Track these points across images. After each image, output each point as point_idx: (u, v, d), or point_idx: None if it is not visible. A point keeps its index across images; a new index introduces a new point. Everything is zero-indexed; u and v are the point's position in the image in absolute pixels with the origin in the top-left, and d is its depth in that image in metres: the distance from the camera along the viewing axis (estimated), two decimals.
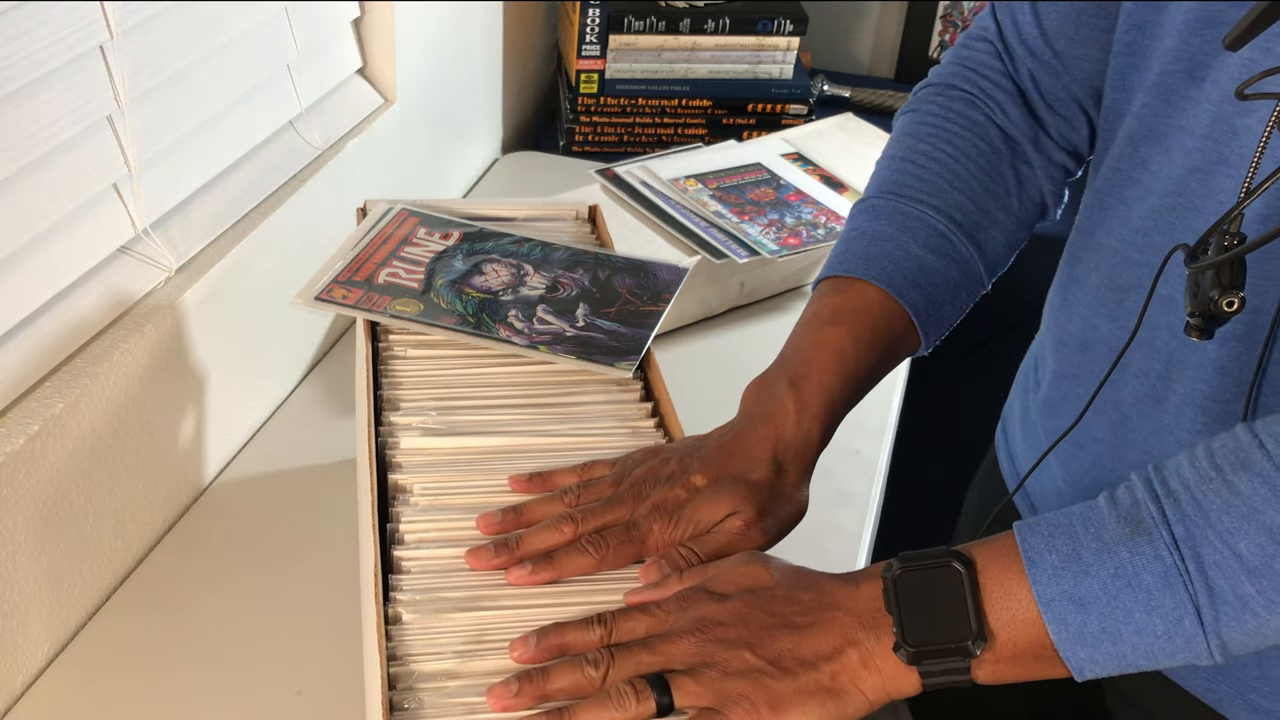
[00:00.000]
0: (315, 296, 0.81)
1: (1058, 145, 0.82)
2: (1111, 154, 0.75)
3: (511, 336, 0.81)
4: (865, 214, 0.80)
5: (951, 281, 0.78)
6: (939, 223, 0.78)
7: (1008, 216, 0.81)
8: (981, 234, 0.80)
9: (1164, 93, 0.69)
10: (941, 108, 0.83)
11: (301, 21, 1.03)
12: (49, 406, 0.77)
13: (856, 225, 0.80)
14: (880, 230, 0.78)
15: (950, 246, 0.78)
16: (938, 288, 0.77)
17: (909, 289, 0.76)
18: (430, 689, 0.59)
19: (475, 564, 0.66)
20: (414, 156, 1.28)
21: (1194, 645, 0.56)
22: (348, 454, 0.98)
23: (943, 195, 0.79)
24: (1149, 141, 0.71)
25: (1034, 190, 0.83)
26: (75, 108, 0.78)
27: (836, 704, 0.58)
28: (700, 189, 1.28)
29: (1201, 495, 0.56)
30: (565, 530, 0.68)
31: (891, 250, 0.77)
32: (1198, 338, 0.61)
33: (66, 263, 0.81)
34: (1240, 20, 0.56)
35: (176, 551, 0.91)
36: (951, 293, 0.79)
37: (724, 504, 0.69)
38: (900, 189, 0.80)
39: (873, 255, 0.77)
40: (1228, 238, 0.59)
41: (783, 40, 1.53)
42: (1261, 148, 0.60)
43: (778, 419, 0.73)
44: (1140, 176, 0.72)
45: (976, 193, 0.80)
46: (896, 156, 0.82)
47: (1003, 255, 0.82)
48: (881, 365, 0.77)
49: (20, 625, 0.77)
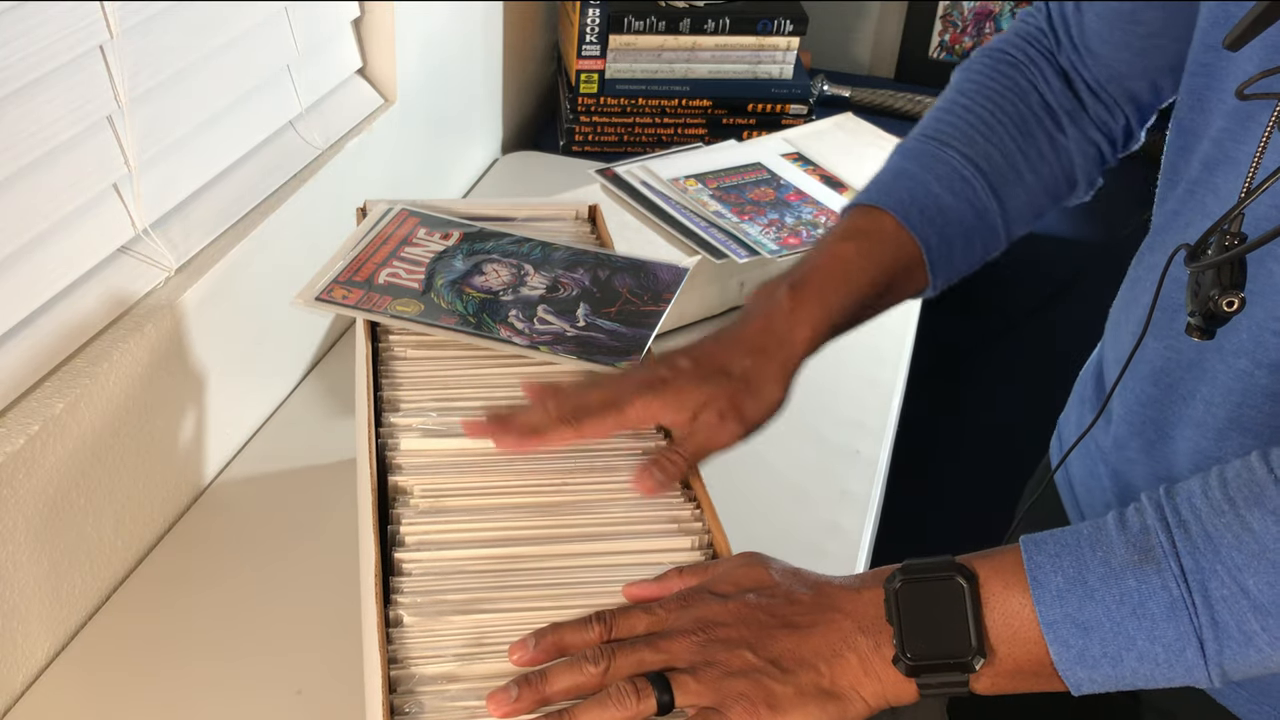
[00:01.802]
0: (315, 297, 0.81)
1: (1095, 125, 0.84)
2: (1186, 178, 0.73)
3: (512, 337, 0.81)
4: (898, 153, 0.83)
5: (966, 225, 0.80)
6: (964, 167, 0.80)
7: (1035, 179, 0.82)
8: (1005, 188, 0.81)
9: (1242, 117, 0.68)
10: (989, 68, 0.85)
11: (301, 21, 1.03)
12: (49, 406, 0.77)
13: (889, 163, 0.83)
14: (906, 168, 0.81)
15: (971, 191, 0.80)
16: (952, 228, 0.79)
17: (923, 224, 0.78)
18: (431, 692, 0.59)
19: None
20: (414, 156, 1.28)
21: (1194, 674, 0.56)
22: (348, 454, 0.98)
23: (973, 143, 0.81)
24: (1225, 167, 0.69)
25: (1065, 161, 0.83)
26: (75, 108, 0.78)
27: (837, 706, 0.58)
28: (700, 189, 1.28)
29: (1213, 528, 0.56)
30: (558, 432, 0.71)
31: (912, 186, 0.80)
32: (1198, 338, 0.61)
33: (66, 263, 0.81)
34: (1240, 20, 0.56)
35: (176, 551, 0.91)
36: (965, 237, 0.80)
37: (703, 391, 0.72)
38: (935, 133, 0.82)
39: (895, 188, 0.80)
40: (1228, 238, 0.58)
41: (783, 40, 1.53)
42: (1262, 148, 0.59)
43: (771, 316, 0.75)
44: (1212, 204, 0.70)
45: (1007, 147, 0.81)
46: (940, 107, 0.85)
47: (1024, 216, 0.83)
48: (886, 292, 0.78)
49: (20, 625, 0.77)
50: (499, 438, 0.71)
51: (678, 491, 0.72)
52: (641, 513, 0.70)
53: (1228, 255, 0.58)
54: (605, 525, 0.69)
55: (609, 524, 0.69)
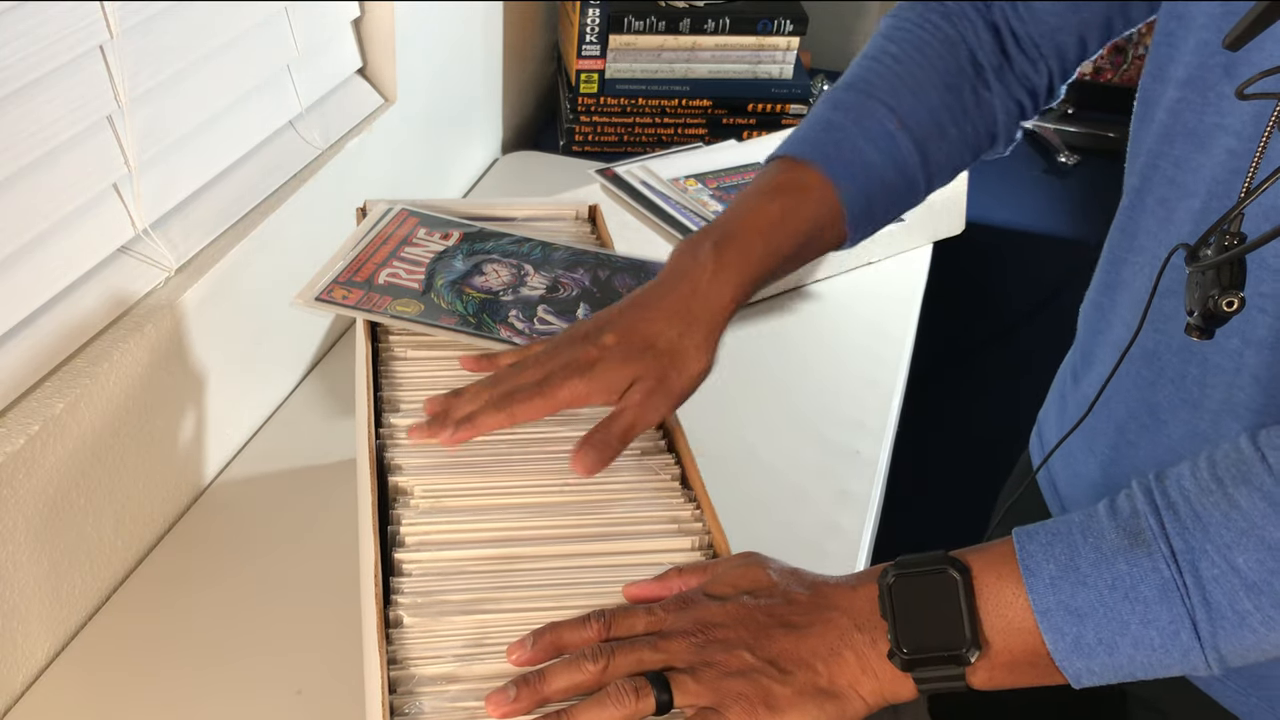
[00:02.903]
0: (315, 297, 0.81)
1: (1018, 81, 0.84)
2: (1146, 149, 0.74)
3: (512, 337, 0.81)
4: (826, 103, 0.83)
5: (889, 182, 0.81)
6: (890, 122, 0.80)
7: (959, 134, 0.83)
8: (929, 143, 0.81)
9: (1200, 88, 0.68)
10: (920, 15, 0.85)
11: (301, 21, 1.03)
12: (49, 406, 0.77)
13: (816, 113, 0.83)
14: (834, 119, 0.81)
15: (895, 148, 0.80)
16: (874, 185, 0.80)
17: (848, 181, 0.79)
18: (431, 693, 0.59)
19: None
20: (414, 156, 1.28)
21: (1191, 658, 0.56)
22: (348, 454, 0.98)
23: (899, 98, 0.81)
24: (1185, 139, 0.70)
25: (989, 116, 0.84)
26: (75, 108, 0.78)
27: (835, 706, 0.58)
28: (700, 189, 1.28)
29: (1201, 508, 0.56)
30: (482, 397, 0.73)
31: (840, 140, 0.80)
32: (1198, 338, 0.60)
33: (66, 263, 0.81)
34: (1240, 20, 0.56)
35: (176, 551, 0.91)
36: (887, 193, 0.81)
37: (630, 369, 0.72)
38: (863, 85, 0.82)
39: (822, 142, 0.80)
40: (1228, 237, 0.58)
41: (783, 40, 1.53)
42: (1262, 147, 0.59)
43: (694, 278, 0.76)
44: (1176, 176, 0.71)
45: (933, 103, 0.82)
46: (868, 55, 0.85)
47: (944, 171, 0.84)
48: (805, 247, 0.79)
49: (20, 625, 0.77)
50: (438, 436, 0.72)
51: (678, 492, 0.72)
52: (642, 513, 0.70)
53: (1227, 255, 0.58)
54: (605, 525, 0.69)
55: (609, 524, 0.69)
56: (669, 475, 0.73)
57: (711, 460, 0.75)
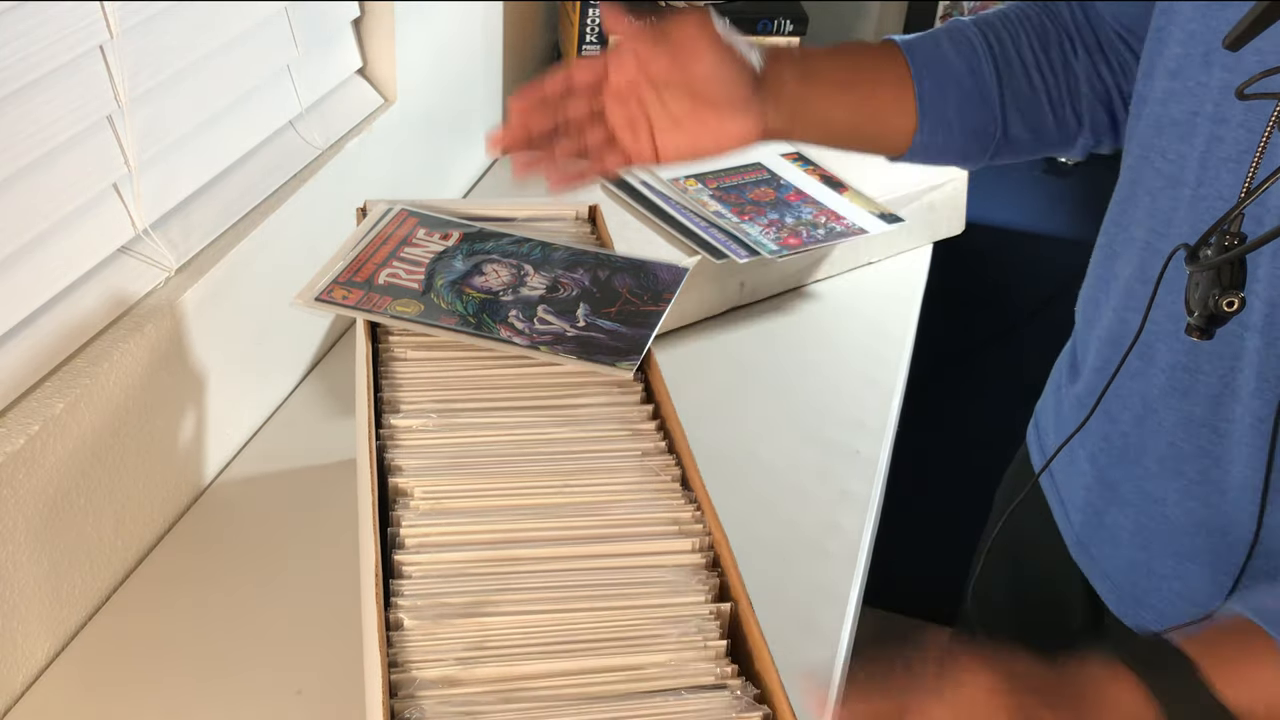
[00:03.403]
0: (315, 297, 0.81)
1: (1107, 65, 0.85)
2: (1137, 142, 0.75)
3: (512, 337, 0.81)
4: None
5: (964, 87, 0.83)
6: (974, 36, 0.84)
7: (1041, 82, 0.84)
8: (1007, 70, 0.84)
9: (1182, 78, 0.69)
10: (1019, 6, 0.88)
11: (301, 21, 1.03)
12: (49, 406, 0.77)
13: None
14: (924, 33, 0.86)
15: (974, 56, 0.83)
16: (948, 80, 0.83)
17: (922, 61, 0.83)
18: (432, 696, 0.59)
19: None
20: (414, 156, 1.28)
21: None
22: (348, 454, 0.98)
23: (989, 25, 0.85)
24: (1169, 129, 0.71)
25: (1073, 84, 0.85)
26: (75, 108, 0.78)
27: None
28: (700, 189, 1.28)
29: None
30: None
31: (920, 35, 0.85)
32: (1198, 338, 0.61)
33: (66, 263, 0.81)
34: (1240, 20, 0.56)
35: (176, 551, 0.91)
36: (960, 92, 0.83)
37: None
38: (959, 20, 0.86)
39: (910, 36, 0.86)
40: (1228, 238, 0.58)
41: (783, 40, 1.52)
42: (1261, 147, 0.59)
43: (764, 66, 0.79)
44: (1165, 168, 0.72)
45: (1020, 41, 0.84)
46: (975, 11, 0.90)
47: (1021, 113, 0.84)
48: (870, 96, 0.83)
49: (20, 625, 0.77)
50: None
51: (678, 493, 0.72)
52: (642, 514, 0.70)
53: (1227, 255, 0.58)
54: (606, 527, 0.69)
55: (610, 526, 0.69)
56: (669, 476, 0.73)
57: (711, 460, 0.75)
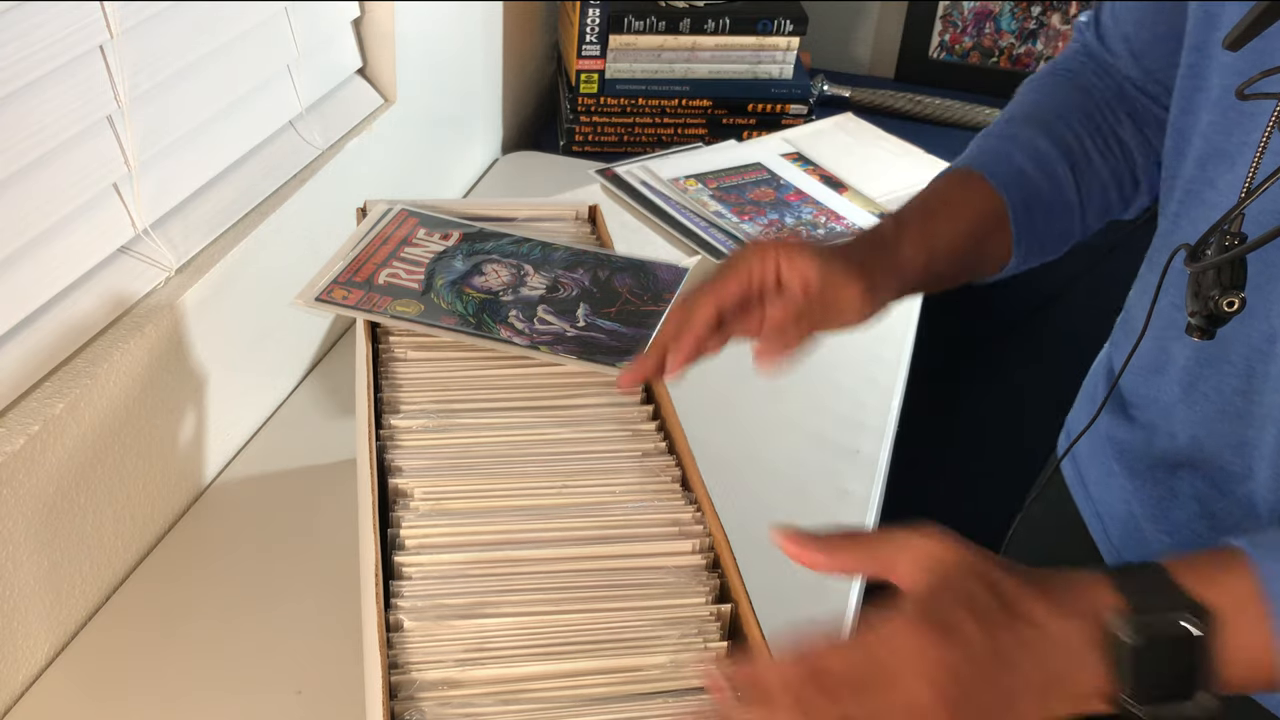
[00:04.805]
0: (316, 297, 0.81)
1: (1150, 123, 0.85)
2: (1182, 177, 0.74)
3: (512, 337, 0.81)
4: (977, 137, 0.86)
5: (1046, 197, 0.82)
6: (1042, 142, 0.82)
7: (1105, 166, 0.84)
8: (1080, 168, 0.83)
9: (1223, 109, 0.68)
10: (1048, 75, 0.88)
11: (301, 21, 1.03)
12: (49, 406, 0.77)
13: (971, 145, 0.86)
14: (988, 143, 0.84)
15: (1049, 165, 0.82)
16: (1033, 197, 0.81)
17: (1007, 183, 0.81)
18: (431, 698, 0.59)
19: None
20: (414, 156, 1.28)
21: None
22: (348, 454, 0.98)
23: (1048, 126, 0.83)
24: (1217, 161, 0.70)
25: (1128, 155, 0.85)
26: (75, 108, 0.78)
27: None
28: (700, 189, 1.28)
29: None
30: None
31: (996, 150, 0.83)
32: (1199, 338, 0.61)
33: (66, 263, 0.81)
34: (1240, 20, 0.56)
35: (176, 551, 0.91)
36: (1045, 208, 0.82)
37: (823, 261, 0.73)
38: (1010, 118, 0.85)
39: (977, 155, 0.83)
40: (1228, 238, 0.58)
41: (783, 40, 1.52)
42: (1262, 147, 0.60)
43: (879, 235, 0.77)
44: (1211, 197, 0.71)
45: (1078, 132, 0.83)
46: (1010, 104, 0.88)
47: (1097, 203, 0.84)
48: (978, 246, 0.80)
49: (20, 625, 0.77)
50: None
51: (678, 494, 0.72)
52: (642, 515, 0.70)
53: (1228, 255, 0.58)
54: (606, 528, 0.69)
55: (610, 527, 0.69)
56: (669, 477, 0.73)
57: (712, 461, 0.75)
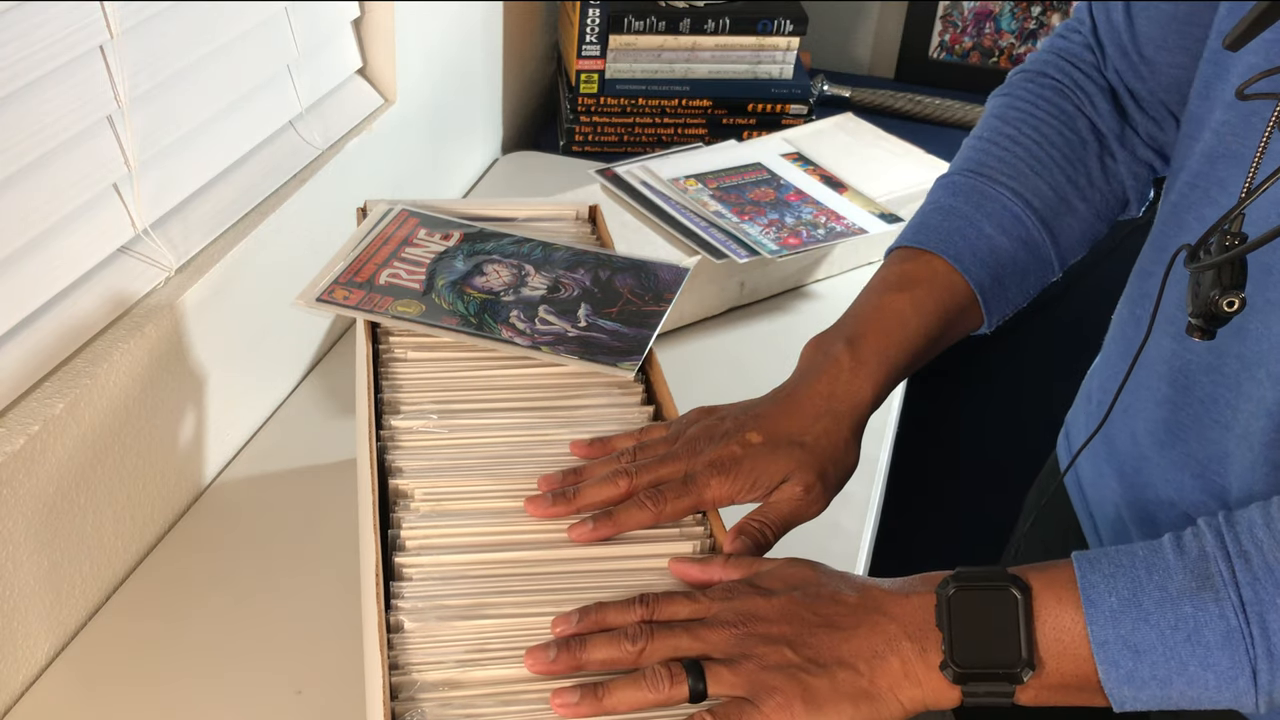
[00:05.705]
0: (316, 297, 0.81)
1: (1144, 143, 0.83)
2: (1188, 169, 0.73)
3: (514, 337, 0.81)
4: (944, 189, 0.82)
5: (1020, 264, 0.79)
6: (1015, 205, 0.79)
7: (1087, 207, 0.82)
8: (1057, 221, 0.80)
9: (1244, 111, 0.67)
10: (1032, 94, 0.83)
11: (301, 21, 1.03)
12: (49, 406, 0.77)
13: (934, 199, 0.82)
14: (955, 206, 0.80)
15: (1023, 229, 0.79)
16: (1005, 268, 0.79)
17: (976, 266, 0.77)
18: (432, 699, 0.59)
19: (534, 511, 0.69)
20: (414, 156, 1.28)
21: (1243, 700, 0.56)
22: (348, 454, 0.98)
23: (1023, 179, 0.80)
24: (1227, 161, 0.69)
25: (1116, 184, 0.83)
26: (75, 108, 0.78)
27: (871, 708, 0.58)
28: (700, 189, 1.28)
29: (1275, 560, 0.56)
30: (621, 484, 0.69)
31: (963, 227, 0.78)
32: (1199, 338, 0.60)
33: (66, 263, 0.81)
34: (1240, 20, 0.56)
35: (176, 551, 0.91)
36: (1019, 275, 0.80)
37: (780, 465, 0.70)
38: (981, 168, 0.81)
39: (944, 229, 0.78)
40: (1228, 238, 0.58)
41: (783, 40, 1.52)
42: (1262, 148, 0.59)
43: (831, 375, 0.74)
44: (1218, 196, 0.70)
45: (1057, 180, 0.80)
46: (983, 137, 0.83)
47: (1077, 245, 0.82)
48: (941, 337, 0.78)
49: (20, 625, 0.77)
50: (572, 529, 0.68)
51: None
52: None
53: (1228, 255, 0.58)
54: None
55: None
56: None
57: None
